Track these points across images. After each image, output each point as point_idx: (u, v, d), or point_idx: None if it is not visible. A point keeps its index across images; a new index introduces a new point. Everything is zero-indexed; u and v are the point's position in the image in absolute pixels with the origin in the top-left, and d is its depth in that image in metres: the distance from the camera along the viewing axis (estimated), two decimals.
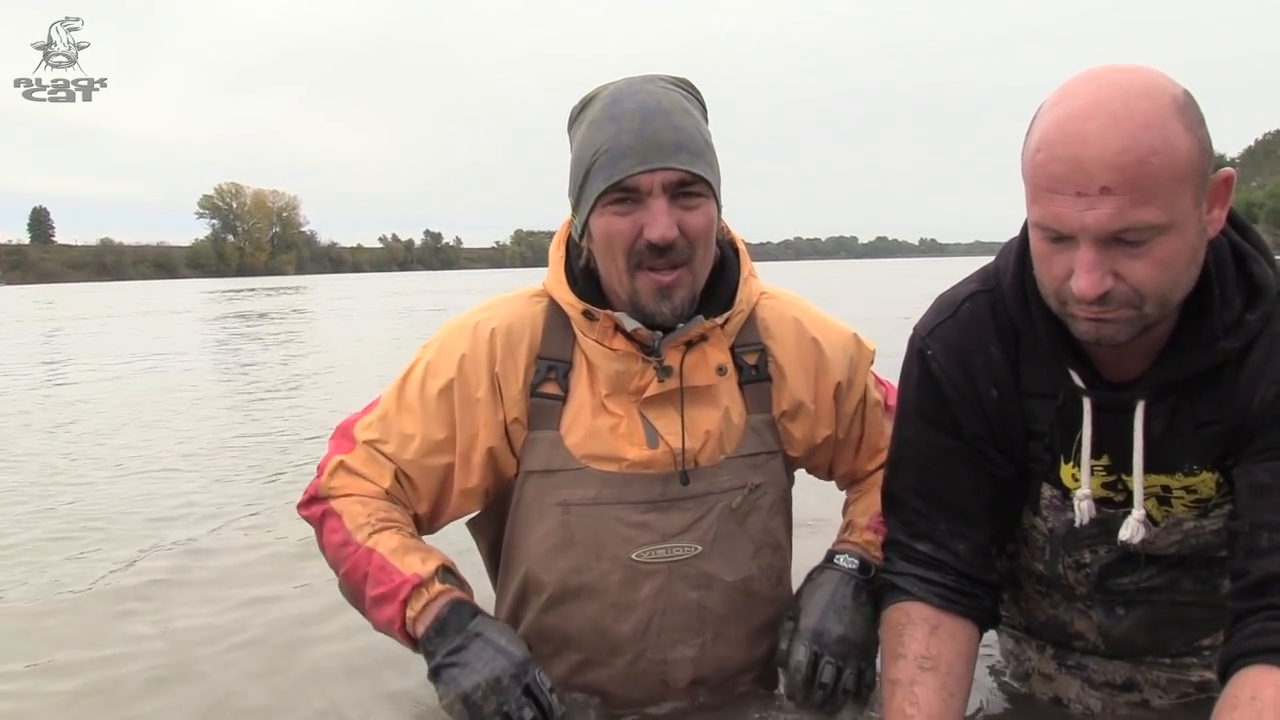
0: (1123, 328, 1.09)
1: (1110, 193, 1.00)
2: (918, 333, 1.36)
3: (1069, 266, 1.07)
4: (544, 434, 1.43)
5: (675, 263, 1.33)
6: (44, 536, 3.09)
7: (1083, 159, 1.01)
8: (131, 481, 3.93)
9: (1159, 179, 1.00)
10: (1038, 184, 1.06)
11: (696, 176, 1.31)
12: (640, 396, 1.41)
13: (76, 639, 2.19)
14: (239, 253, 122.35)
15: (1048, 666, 1.54)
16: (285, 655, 2.07)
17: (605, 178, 1.31)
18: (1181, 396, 1.21)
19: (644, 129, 1.29)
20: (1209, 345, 1.16)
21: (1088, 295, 1.05)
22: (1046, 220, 1.06)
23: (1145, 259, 1.04)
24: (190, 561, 2.80)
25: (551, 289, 1.45)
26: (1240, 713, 1.02)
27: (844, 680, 1.38)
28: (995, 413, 1.30)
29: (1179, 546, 1.30)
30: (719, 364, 1.42)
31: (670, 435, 1.41)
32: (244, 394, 6.96)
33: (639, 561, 1.42)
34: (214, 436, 5.05)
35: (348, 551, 1.40)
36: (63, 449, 4.73)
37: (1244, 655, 1.08)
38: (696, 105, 1.38)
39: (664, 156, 1.29)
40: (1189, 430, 1.21)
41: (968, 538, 1.33)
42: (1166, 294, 1.08)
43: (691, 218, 1.32)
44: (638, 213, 1.31)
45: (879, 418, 1.58)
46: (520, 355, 1.44)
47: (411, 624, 1.34)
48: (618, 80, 1.38)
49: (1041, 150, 1.05)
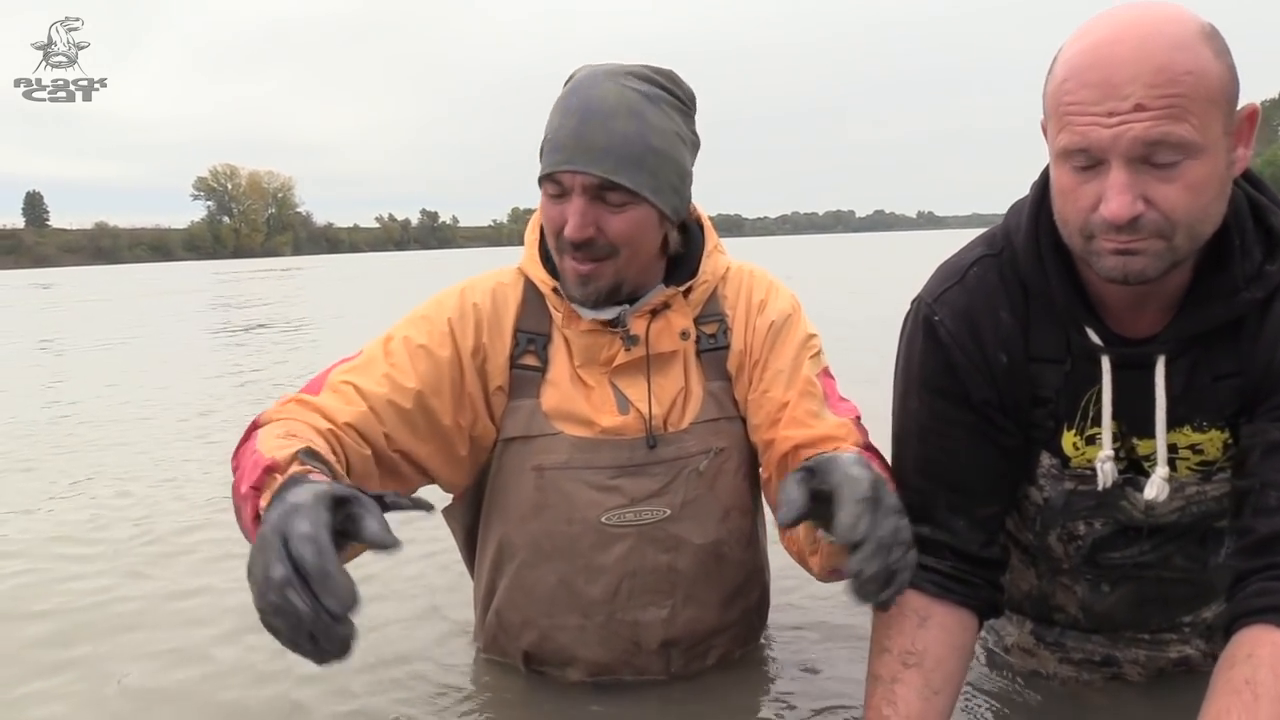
0: (1152, 261, 1.06)
1: (1144, 109, 0.99)
2: (923, 300, 1.32)
3: (1097, 195, 1.05)
4: (524, 402, 1.49)
5: (595, 256, 1.39)
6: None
7: (1115, 80, 1.00)
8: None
9: (1193, 97, 0.99)
10: (1067, 111, 1.04)
11: (615, 185, 1.35)
12: (610, 366, 1.48)
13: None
14: (235, 234, 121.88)
15: (1026, 641, 1.55)
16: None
17: (543, 166, 1.40)
18: (1200, 351, 1.19)
19: (579, 129, 1.34)
20: (1230, 297, 1.14)
21: (1120, 217, 1.02)
22: (1076, 143, 1.04)
23: (1176, 183, 1.02)
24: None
25: (525, 267, 1.54)
26: (1237, 669, 1.03)
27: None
28: (1005, 379, 1.27)
29: (1180, 514, 1.29)
30: (682, 329, 1.49)
31: (640, 402, 1.49)
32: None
33: (608, 525, 1.47)
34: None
35: (250, 462, 1.14)
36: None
37: (1245, 615, 1.08)
38: (665, 105, 1.40)
39: (587, 161, 1.34)
40: (1206, 385, 1.20)
41: (968, 512, 1.29)
42: (1197, 223, 1.06)
43: (614, 221, 1.38)
44: (563, 205, 1.39)
45: (809, 395, 1.45)
46: (504, 327, 1.51)
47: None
48: (594, 66, 1.43)
49: (1070, 78, 1.04)
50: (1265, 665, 1.02)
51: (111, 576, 2.45)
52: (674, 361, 1.51)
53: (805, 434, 1.39)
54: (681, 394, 1.50)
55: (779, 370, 1.49)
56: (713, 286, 1.54)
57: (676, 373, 1.51)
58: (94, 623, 2.13)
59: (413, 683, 1.77)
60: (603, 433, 1.47)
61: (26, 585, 2.41)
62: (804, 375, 1.48)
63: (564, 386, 1.49)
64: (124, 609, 2.22)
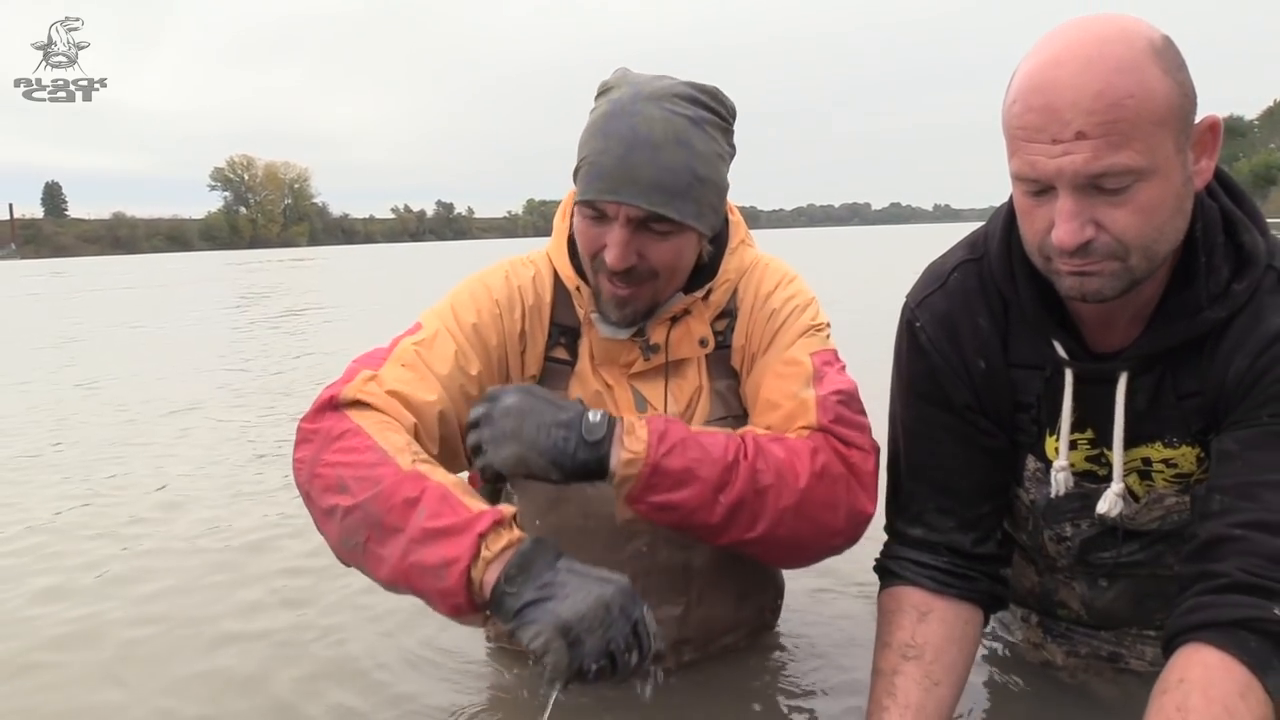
0: (1108, 281, 1.06)
1: (1085, 137, 0.98)
2: (908, 304, 1.35)
3: (1050, 219, 1.05)
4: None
5: (634, 281, 1.37)
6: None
7: (1056, 105, 0.99)
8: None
9: (1135, 121, 0.98)
10: (1015, 135, 1.05)
11: (661, 218, 1.31)
12: (629, 370, 1.47)
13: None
14: (252, 225, 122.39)
15: (1035, 635, 1.56)
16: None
17: (581, 191, 1.35)
18: (1166, 369, 1.18)
19: (626, 157, 1.29)
20: (1194, 315, 1.13)
21: (1067, 245, 1.03)
22: (1024, 170, 1.04)
23: (1126, 207, 1.02)
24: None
25: (553, 259, 1.51)
26: (1169, 696, 1.01)
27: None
28: (984, 384, 1.28)
29: (1160, 522, 1.29)
30: (701, 337, 1.47)
31: (658, 403, 1.47)
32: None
33: (624, 522, 1.46)
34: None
35: (383, 473, 1.18)
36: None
37: (1180, 632, 1.07)
38: (709, 127, 1.35)
39: (633, 194, 1.30)
40: (1170, 403, 1.19)
41: (957, 514, 1.31)
42: (1151, 244, 1.05)
43: (656, 249, 1.35)
44: (603, 230, 1.35)
45: (789, 375, 1.42)
46: (543, 317, 1.49)
47: (483, 565, 1.10)
48: (635, 79, 1.37)
49: (1017, 101, 1.04)
50: (1196, 689, 0.99)
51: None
52: (690, 363, 1.50)
53: (772, 416, 1.39)
54: (697, 393, 1.50)
55: (767, 362, 1.46)
56: (735, 284, 1.51)
57: (692, 374, 1.50)
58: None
59: (425, 669, 1.80)
60: None
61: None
62: (787, 355, 1.44)
63: (589, 382, 1.48)
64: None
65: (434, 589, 1.12)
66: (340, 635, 1.98)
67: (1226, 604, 1.03)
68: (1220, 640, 1.02)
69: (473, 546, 1.10)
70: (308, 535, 2.49)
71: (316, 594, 2.22)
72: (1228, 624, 1.02)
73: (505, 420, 1.22)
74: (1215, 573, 1.06)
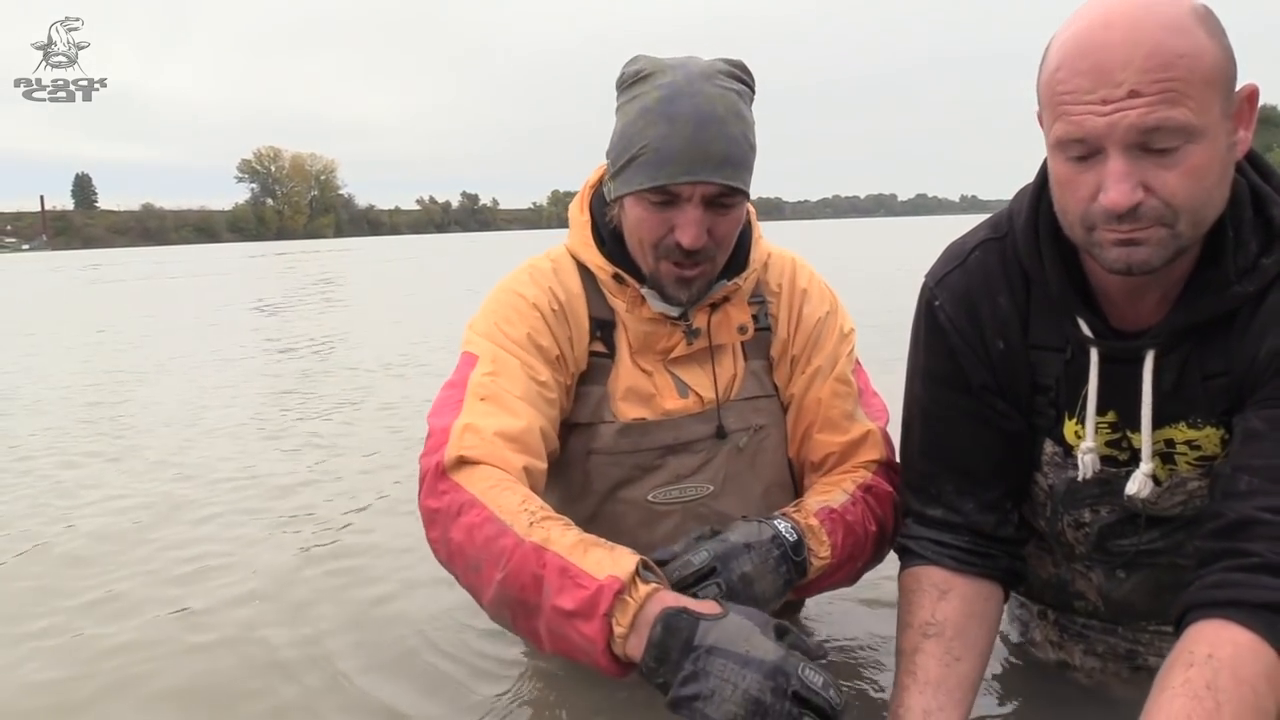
0: (1155, 250, 1.03)
1: (1139, 94, 0.97)
2: (926, 283, 1.33)
3: (1096, 184, 1.02)
4: (593, 389, 1.50)
5: (703, 260, 1.39)
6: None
7: (1107, 66, 0.98)
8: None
9: (1189, 79, 0.96)
10: (1060, 100, 1.02)
11: (735, 190, 1.35)
12: (667, 356, 1.50)
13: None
14: (278, 216, 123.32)
15: (1051, 634, 1.54)
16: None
17: (649, 177, 1.34)
18: (1192, 348, 1.16)
19: (696, 137, 1.31)
20: (1222, 290, 1.11)
21: (1119, 205, 1.00)
22: (1071, 132, 1.01)
23: (1176, 169, 0.99)
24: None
25: (578, 252, 1.51)
26: (1196, 670, 0.98)
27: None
28: (1002, 365, 1.27)
29: (1183, 507, 1.26)
30: (740, 323, 1.50)
31: (699, 387, 1.51)
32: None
33: (654, 503, 1.50)
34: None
35: (504, 546, 1.16)
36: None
37: (1203, 606, 1.04)
38: (748, 99, 1.40)
39: (709, 170, 1.32)
40: (1196, 383, 1.17)
41: (975, 496, 1.31)
42: (1200, 209, 1.03)
43: (722, 224, 1.38)
44: (672, 213, 1.36)
45: (844, 395, 1.53)
46: (580, 314, 1.50)
47: (621, 644, 1.07)
48: (674, 62, 1.37)
49: (1062, 67, 1.02)
50: (1226, 669, 0.97)
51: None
52: (726, 347, 1.54)
53: (839, 440, 1.50)
54: (734, 377, 1.53)
55: (819, 367, 1.53)
56: (758, 274, 1.55)
57: (729, 359, 1.54)
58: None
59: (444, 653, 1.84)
60: (665, 414, 1.49)
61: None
62: (839, 372, 1.53)
63: (630, 371, 1.50)
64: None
65: (594, 665, 1.11)
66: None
67: (1259, 585, 1.01)
68: (1251, 621, 0.99)
69: (604, 629, 1.07)
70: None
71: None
72: (1260, 605, 1.00)
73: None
74: (1247, 551, 1.03)
